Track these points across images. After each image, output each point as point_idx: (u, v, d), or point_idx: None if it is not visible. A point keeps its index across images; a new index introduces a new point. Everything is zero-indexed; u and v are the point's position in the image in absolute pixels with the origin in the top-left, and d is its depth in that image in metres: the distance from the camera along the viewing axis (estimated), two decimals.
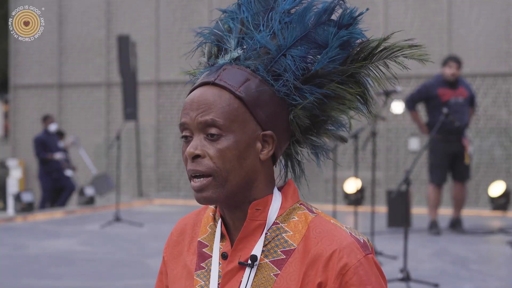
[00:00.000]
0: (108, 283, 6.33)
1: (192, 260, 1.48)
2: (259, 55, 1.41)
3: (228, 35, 1.45)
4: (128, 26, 15.05)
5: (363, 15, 1.42)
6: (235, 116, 1.36)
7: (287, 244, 1.39)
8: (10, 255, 7.65)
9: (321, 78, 1.41)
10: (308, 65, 1.42)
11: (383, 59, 1.43)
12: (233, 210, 1.41)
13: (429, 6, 13.28)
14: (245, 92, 1.38)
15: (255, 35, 1.42)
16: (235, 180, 1.37)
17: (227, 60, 1.43)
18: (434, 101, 8.38)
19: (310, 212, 1.42)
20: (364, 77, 1.44)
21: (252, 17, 1.45)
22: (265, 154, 1.40)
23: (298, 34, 1.41)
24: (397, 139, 13.42)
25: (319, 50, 1.42)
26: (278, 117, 1.40)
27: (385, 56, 1.42)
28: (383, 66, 1.43)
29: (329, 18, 1.42)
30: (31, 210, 11.08)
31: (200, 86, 1.41)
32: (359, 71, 1.43)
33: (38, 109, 16.05)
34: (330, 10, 1.42)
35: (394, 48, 1.42)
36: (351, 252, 1.35)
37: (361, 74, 1.43)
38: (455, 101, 8.42)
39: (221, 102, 1.37)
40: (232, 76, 1.39)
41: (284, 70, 1.40)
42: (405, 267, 5.79)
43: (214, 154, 1.36)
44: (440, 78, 8.56)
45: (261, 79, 1.40)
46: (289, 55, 1.41)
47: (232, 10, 1.48)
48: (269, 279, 1.38)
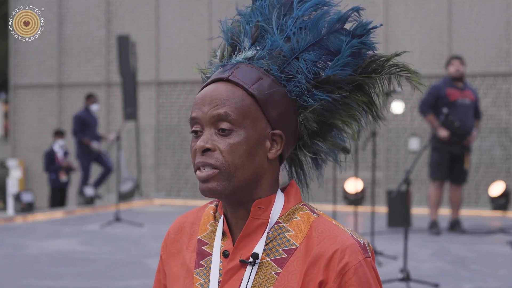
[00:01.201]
0: (108, 283, 6.33)
1: (191, 258, 1.48)
2: (273, 56, 1.44)
3: (243, 35, 1.49)
4: (128, 26, 15.05)
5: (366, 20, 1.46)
6: (247, 113, 1.39)
7: (289, 243, 1.40)
8: (10, 255, 7.65)
9: (331, 84, 1.45)
10: (319, 70, 1.46)
11: (389, 74, 1.47)
12: (237, 208, 1.43)
13: (429, 6, 13.28)
14: (258, 90, 1.40)
15: (270, 36, 1.46)
16: (242, 176, 1.38)
17: (241, 59, 1.45)
18: (442, 101, 8.44)
19: (312, 213, 1.44)
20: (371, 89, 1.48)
21: (266, 22, 1.48)
22: (274, 153, 1.42)
23: (311, 40, 1.45)
24: (397, 139, 13.42)
25: (330, 57, 1.46)
26: (287, 118, 1.43)
27: (393, 72, 1.47)
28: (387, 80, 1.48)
29: (342, 26, 1.46)
30: (31, 210, 11.08)
31: (213, 82, 1.43)
32: (367, 82, 1.47)
33: (38, 109, 16.05)
34: (344, 19, 1.46)
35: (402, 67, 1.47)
36: (352, 253, 1.37)
37: (369, 85, 1.48)
38: (462, 102, 8.49)
39: (234, 97, 1.39)
40: (245, 74, 1.42)
41: (296, 72, 1.44)
42: (405, 267, 5.79)
43: (225, 149, 1.38)
44: (447, 79, 8.66)
45: (273, 79, 1.43)
46: (302, 58, 1.44)
47: (247, 13, 1.51)
48: (270, 277, 1.38)
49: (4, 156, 16.58)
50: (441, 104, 8.39)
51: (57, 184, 12.80)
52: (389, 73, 1.47)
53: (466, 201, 12.97)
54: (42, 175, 14.29)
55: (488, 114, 12.65)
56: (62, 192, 12.99)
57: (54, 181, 12.80)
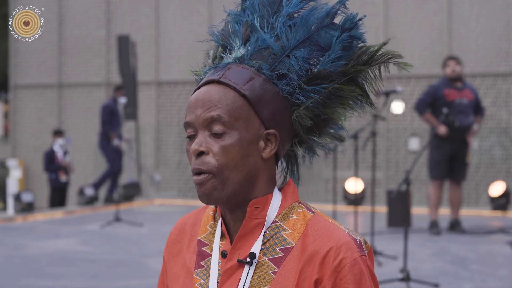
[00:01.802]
0: (108, 283, 6.33)
1: (192, 259, 1.49)
2: (263, 55, 1.44)
3: (233, 35, 1.49)
4: (128, 26, 15.05)
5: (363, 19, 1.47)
6: (239, 114, 1.39)
7: (285, 242, 1.41)
8: (10, 255, 7.65)
9: (323, 79, 1.45)
10: (311, 66, 1.46)
11: (381, 63, 1.48)
12: (234, 210, 1.43)
13: (429, 6, 13.28)
14: (250, 90, 1.41)
15: (260, 35, 1.46)
16: (236, 178, 1.39)
17: (231, 59, 1.46)
18: (440, 101, 8.46)
19: (309, 211, 1.44)
20: (363, 80, 1.49)
21: (256, 20, 1.48)
22: (268, 153, 1.42)
23: (302, 36, 1.45)
24: (397, 139, 13.42)
25: (321, 53, 1.46)
26: (281, 116, 1.43)
27: (383, 61, 1.48)
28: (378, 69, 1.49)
29: (331, 21, 1.46)
30: (31, 210, 11.08)
31: (205, 85, 1.44)
32: (359, 73, 1.47)
33: (38, 109, 16.06)
34: (332, 14, 1.46)
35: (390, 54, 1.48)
36: (347, 250, 1.37)
37: (361, 76, 1.48)
38: (460, 102, 8.51)
39: (226, 99, 1.39)
40: (236, 75, 1.42)
41: (287, 70, 1.44)
42: (405, 267, 5.79)
43: (218, 151, 1.38)
44: (445, 79, 8.71)
45: (265, 78, 1.43)
46: (293, 56, 1.44)
47: (236, 13, 1.51)
48: (267, 276, 1.39)
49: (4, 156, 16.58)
50: (439, 104, 8.40)
51: (57, 184, 12.79)
52: (380, 62, 1.47)
53: (466, 201, 12.97)
54: (42, 175, 14.28)
55: (488, 114, 12.64)
56: (62, 192, 12.98)
57: (54, 181, 12.80)
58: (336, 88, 1.45)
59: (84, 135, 15.58)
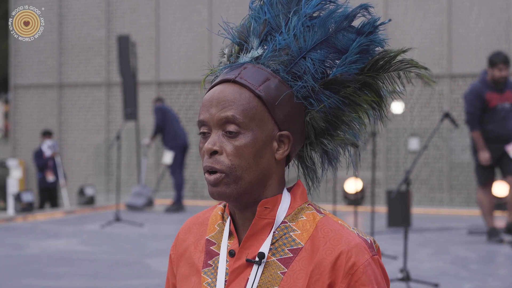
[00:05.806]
0: (108, 283, 6.33)
1: (200, 258, 1.49)
2: (280, 56, 1.43)
3: (251, 35, 1.47)
4: (128, 26, 15.05)
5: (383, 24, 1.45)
6: (254, 114, 1.39)
7: (294, 242, 1.40)
8: (10, 255, 7.65)
9: (339, 84, 1.44)
10: (327, 69, 1.45)
11: (398, 71, 1.46)
12: (244, 209, 1.43)
13: (429, 6, 13.29)
14: (265, 91, 1.40)
15: (277, 36, 1.45)
16: (249, 178, 1.38)
17: (248, 59, 1.45)
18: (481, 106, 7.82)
19: (318, 213, 1.44)
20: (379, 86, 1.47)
21: (274, 19, 1.47)
22: (281, 154, 1.42)
23: (319, 38, 1.44)
24: (397, 139, 13.43)
25: (338, 55, 1.44)
26: (295, 118, 1.43)
27: (401, 68, 1.45)
28: (396, 77, 1.46)
29: (349, 24, 1.45)
30: (31, 210, 11.08)
31: (220, 83, 1.43)
32: (375, 80, 1.45)
33: (38, 109, 16.05)
34: (351, 17, 1.45)
35: (410, 63, 1.45)
36: (359, 252, 1.37)
37: (377, 82, 1.46)
38: (502, 107, 7.83)
39: (241, 99, 1.39)
40: (252, 75, 1.41)
41: (303, 72, 1.43)
42: (405, 267, 5.79)
43: (231, 151, 1.38)
44: (486, 80, 7.86)
45: (280, 79, 1.42)
46: (309, 58, 1.43)
47: (255, 9, 1.49)
48: (276, 277, 1.39)
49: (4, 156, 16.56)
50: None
51: (44, 184, 12.83)
52: (398, 69, 1.45)
53: (467, 201, 12.98)
54: None
55: None
56: (50, 192, 13.01)
57: (41, 181, 12.85)
58: (351, 92, 1.44)
59: (84, 135, 15.59)
